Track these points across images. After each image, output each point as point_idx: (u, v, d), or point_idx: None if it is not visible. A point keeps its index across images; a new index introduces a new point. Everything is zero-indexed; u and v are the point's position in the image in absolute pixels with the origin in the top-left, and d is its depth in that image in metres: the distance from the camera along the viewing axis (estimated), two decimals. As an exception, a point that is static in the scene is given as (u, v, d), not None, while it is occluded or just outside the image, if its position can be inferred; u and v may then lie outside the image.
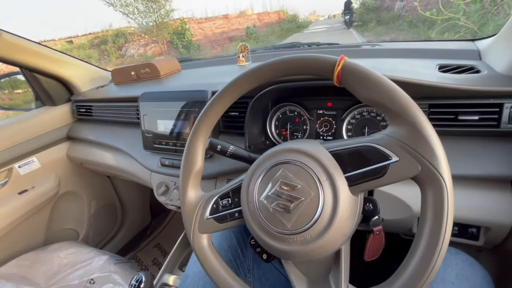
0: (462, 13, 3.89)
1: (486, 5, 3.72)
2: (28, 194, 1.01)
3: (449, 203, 0.29)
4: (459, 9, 3.90)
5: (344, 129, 0.63)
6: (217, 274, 0.41)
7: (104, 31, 16.08)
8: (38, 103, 1.14)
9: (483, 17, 3.79)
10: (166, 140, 0.76)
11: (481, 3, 3.75)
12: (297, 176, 0.36)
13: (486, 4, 3.72)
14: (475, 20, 3.86)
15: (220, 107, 0.45)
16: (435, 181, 0.29)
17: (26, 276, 0.83)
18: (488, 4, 3.70)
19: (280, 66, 0.40)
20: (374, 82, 0.33)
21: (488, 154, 0.48)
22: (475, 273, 0.44)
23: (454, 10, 3.99)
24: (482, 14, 3.78)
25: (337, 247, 0.35)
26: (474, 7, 3.81)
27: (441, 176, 0.29)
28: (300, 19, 25.78)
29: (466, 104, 0.49)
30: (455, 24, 4.02)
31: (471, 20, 3.88)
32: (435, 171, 0.29)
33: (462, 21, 3.89)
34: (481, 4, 3.75)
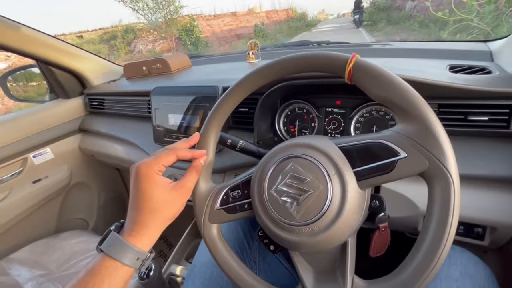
0: (475, 14, 3.81)
1: (500, 6, 3.64)
2: (41, 183, 1.04)
3: (456, 199, 0.29)
4: (473, 10, 3.83)
5: (353, 127, 0.64)
6: (226, 262, 0.42)
7: (113, 26, 16.26)
8: (52, 95, 1.17)
9: (497, 18, 3.71)
10: (177, 134, 0.78)
11: (495, 4, 3.67)
12: (306, 170, 0.37)
13: (501, 6, 3.64)
14: (488, 22, 3.78)
15: (232, 102, 0.46)
16: (443, 177, 0.30)
17: (39, 261, 0.86)
18: (503, 6, 3.62)
19: (292, 63, 0.41)
20: (385, 80, 0.34)
21: (497, 154, 0.48)
22: (479, 271, 0.45)
23: (467, 11, 3.91)
24: (496, 15, 3.70)
25: (344, 239, 0.36)
26: (488, 8, 3.73)
27: (449, 172, 0.30)
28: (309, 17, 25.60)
29: (476, 104, 0.49)
30: (468, 25, 3.95)
31: (484, 21, 3.81)
32: (442, 167, 0.30)
33: (475, 22, 3.82)
34: (495, 5, 3.67)
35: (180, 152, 0.39)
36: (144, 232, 0.35)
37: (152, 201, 0.36)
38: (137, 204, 0.36)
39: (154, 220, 0.36)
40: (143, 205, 0.35)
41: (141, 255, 0.35)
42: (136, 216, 0.35)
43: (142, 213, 0.35)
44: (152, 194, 0.36)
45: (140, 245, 0.35)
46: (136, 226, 0.35)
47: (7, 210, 0.96)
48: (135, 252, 0.34)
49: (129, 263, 0.34)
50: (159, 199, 0.36)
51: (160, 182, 0.37)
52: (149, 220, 0.35)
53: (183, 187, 0.39)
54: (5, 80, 1.13)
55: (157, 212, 0.36)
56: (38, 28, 0.95)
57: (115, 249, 0.33)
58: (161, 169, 0.38)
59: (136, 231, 0.35)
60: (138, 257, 0.34)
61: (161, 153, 0.38)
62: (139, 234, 0.35)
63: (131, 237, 0.34)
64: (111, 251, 0.33)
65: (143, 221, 0.35)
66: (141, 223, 0.35)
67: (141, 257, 0.35)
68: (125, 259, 0.33)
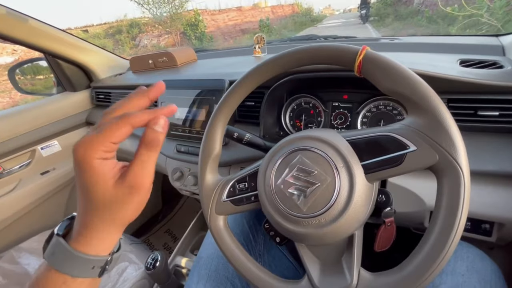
0: (485, 10, 3.73)
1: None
2: (49, 175, 1.06)
3: (466, 193, 0.29)
4: (483, 5, 3.75)
5: (359, 122, 0.63)
6: (232, 253, 0.43)
7: (118, 21, 16.27)
8: (59, 88, 1.18)
9: (508, 14, 3.62)
10: (183, 127, 0.78)
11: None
12: (314, 162, 0.37)
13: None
14: (499, 17, 3.70)
15: (239, 95, 0.46)
16: (453, 170, 0.30)
17: (48, 251, 0.88)
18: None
19: (300, 55, 0.41)
20: (396, 72, 0.34)
21: (507, 150, 0.48)
22: (486, 267, 0.45)
23: (477, 6, 3.83)
24: (507, 11, 3.62)
25: (351, 232, 0.36)
26: (499, 3, 3.64)
27: (459, 166, 0.29)
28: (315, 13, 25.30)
29: (486, 99, 0.48)
30: (478, 21, 3.87)
31: (494, 17, 3.72)
32: (452, 160, 0.30)
33: (485, 17, 3.73)
34: (506, 0, 3.58)
35: (134, 119, 0.26)
36: (94, 235, 0.27)
37: (94, 199, 0.26)
38: (80, 201, 0.27)
39: (103, 222, 0.27)
40: (85, 203, 0.27)
41: (96, 262, 0.27)
42: (81, 216, 0.27)
43: (87, 213, 0.27)
44: (92, 190, 0.26)
45: (93, 250, 0.27)
46: (83, 230, 0.27)
47: (17, 200, 0.97)
48: (86, 261, 0.26)
49: (81, 274, 0.26)
50: (101, 196, 0.26)
51: (102, 172, 0.26)
52: (97, 221, 0.27)
53: (132, 183, 0.27)
54: (13, 73, 1.14)
55: (103, 212, 0.27)
56: (44, 22, 0.95)
57: (59, 259, 0.26)
58: (108, 149, 0.26)
59: (83, 235, 0.27)
60: (93, 265, 0.27)
61: (108, 124, 0.26)
62: (88, 238, 0.27)
63: (78, 243, 0.27)
64: (55, 262, 0.26)
65: (90, 222, 0.27)
66: (88, 226, 0.27)
67: (98, 264, 0.27)
68: (75, 271, 0.26)
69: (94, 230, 0.27)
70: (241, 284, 0.55)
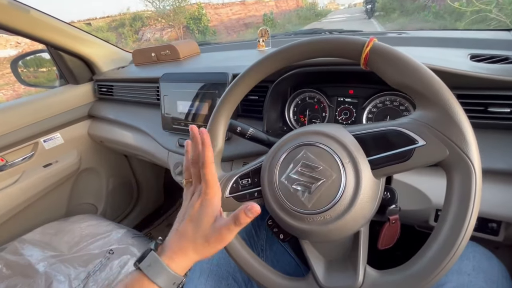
0: (494, 5, 3.65)
1: (522, -4, 3.48)
2: (52, 168, 1.06)
3: (477, 189, 0.28)
4: (492, 0, 3.67)
5: (365, 117, 0.62)
6: (234, 249, 0.42)
7: (121, 14, 16.18)
8: (62, 81, 1.18)
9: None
10: (185, 121, 0.78)
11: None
12: (319, 157, 0.36)
13: (523, -5, 3.48)
14: (508, 13, 3.62)
15: (243, 89, 0.45)
16: (464, 166, 0.29)
17: (51, 243, 0.88)
18: (525, -5, 3.46)
19: (306, 48, 0.40)
20: (404, 64, 0.33)
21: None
22: (493, 266, 0.44)
23: (486, 1, 3.75)
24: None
25: (356, 229, 0.35)
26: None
27: (471, 161, 0.28)
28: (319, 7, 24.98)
29: (497, 95, 0.47)
30: (486, 16, 3.79)
31: (503, 12, 3.65)
32: (464, 155, 0.29)
33: (494, 13, 3.66)
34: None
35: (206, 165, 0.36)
36: (184, 258, 0.34)
37: (200, 230, 0.35)
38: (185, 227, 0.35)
39: (193, 250, 0.35)
40: (190, 231, 0.35)
41: (177, 279, 0.34)
42: (181, 240, 0.35)
43: (187, 239, 0.35)
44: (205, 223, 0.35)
45: (179, 269, 0.34)
46: (178, 250, 0.34)
47: (20, 192, 0.98)
48: (172, 276, 0.33)
49: (165, 286, 0.33)
50: (204, 230, 0.35)
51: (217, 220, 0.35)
52: (188, 247, 0.35)
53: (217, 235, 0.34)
54: (16, 65, 1.13)
55: (197, 243, 0.35)
56: (46, 13, 0.94)
57: (154, 270, 0.33)
58: None
59: (177, 255, 0.34)
60: (174, 281, 0.34)
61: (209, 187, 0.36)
62: (178, 259, 0.34)
63: (171, 260, 0.34)
64: (150, 271, 0.32)
65: (185, 247, 0.35)
66: (182, 249, 0.34)
67: (177, 282, 0.34)
68: (162, 282, 0.32)
69: (185, 254, 0.34)
70: (243, 279, 0.55)
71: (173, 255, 0.34)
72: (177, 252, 0.34)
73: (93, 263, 0.79)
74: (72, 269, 0.78)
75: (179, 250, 0.34)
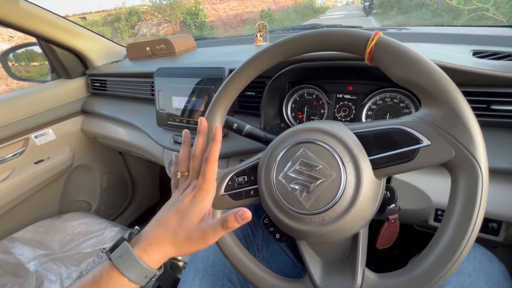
0: (492, 4, 3.66)
1: (520, -5, 3.49)
2: (43, 164, 1.04)
3: (483, 192, 0.27)
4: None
5: (364, 115, 0.61)
6: (229, 249, 0.41)
7: (117, 8, 15.93)
8: (54, 75, 1.14)
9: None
10: (180, 117, 0.76)
11: (514, -8, 3.51)
12: (318, 156, 0.35)
13: (521, -6, 3.48)
14: (505, 12, 3.63)
15: (240, 84, 0.44)
16: (470, 167, 0.27)
17: (42, 241, 0.86)
18: (522, -5, 3.46)
19: (307, 40, 0.38)
20: (411, 60, 0.31)
21: None
22: (494, 267, 0.43)
23: (483, 0, 3.75)
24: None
25: (356, 230, 0.34)
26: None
27: (478, 163, 0.27)
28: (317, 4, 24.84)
29: (501, 93, 0.46)
30: (483, 15, 3.79)
31: (500, 11, 3.65)
32: (470, 156, 0.27)
33: (491, 12, 3.66)
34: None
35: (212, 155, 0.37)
36: (159, 251, 0.33)
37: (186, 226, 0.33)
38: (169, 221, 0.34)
39: (171, 244, 0.33)
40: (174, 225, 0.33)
41: (149, 273, 0.32)
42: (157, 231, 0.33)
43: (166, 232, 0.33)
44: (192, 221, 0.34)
45: (152, 262, 0.32)
46: (153, 242, 0.33)
47: (10, 189, 0.95)
48: (144, 270, 0.31)
49: (136, 279, 0.31)
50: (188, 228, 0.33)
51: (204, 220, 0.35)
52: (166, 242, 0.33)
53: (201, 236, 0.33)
54: (6, 58, 1.10)
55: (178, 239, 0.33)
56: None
57: (124, 262, 0.31)
58: None
59: (151, 247, 0.32)
60: (146, 274, 0.32)
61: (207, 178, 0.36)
62: (152, 250, 0.32)
63: (144, 252, 0.32)
64: (121, 263, 0.31)
65: (163, 240, 0.33)
66: (160, 241, 0.33)
67: (149, 275, 0.32)
68: (133, 275, 0.31)
69: (161, 247, 0.33)
70: (238, 280, 0.54)
71: (147, 247, 0.32)
72: (152, 244, 0.32)
73: (85, 262, 0.77)
74: (64, 268, 0.76)
75: (155, 242, 0.32)
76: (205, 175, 0.34)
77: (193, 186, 0.36)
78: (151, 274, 0.32)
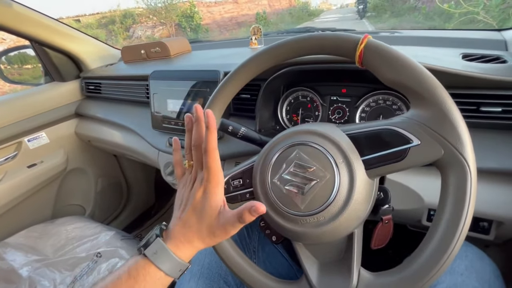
0: (482, 7, 3.74)
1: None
2: (36, 168, 1.02)
3: (472, 189, 0.28)
4: (479, 2, 3.75)
5: (358, 116, 0.61)
6: (225, 251, 0.41)
7: (112, 11, 15.86)
8: (47, 78, 1.13)
9: (503, 11, 3.64)
10: (176, 120, 0.76)
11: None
12: (312, 157, 0.35)
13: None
14: (495, 15, 3.71)
15: (234, 87, 0.44)
16: (459, 165, 0.28)
17: (35, 246, 0.85)
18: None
19: (299, 44, 0.39)
20: (400, 62, 0.32)
21: (508, 148, 0.47)
22: (485, 266, 0.44)
23: (474, 3, 3.84)
24: (503, 9, 3.63)
25: (351, 230, 0.35)
26: (495, 1, 3.66)
27: (466, 161, 0.28)
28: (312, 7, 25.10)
29: (489, 95, 0.47)
30: (474, 18, 3.87)
31: (490, 14, 3.73)
32: (459, 155, 0.28)
33: (481, 15, 3.74)
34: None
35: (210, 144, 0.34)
36: (189, 247, 0.35)
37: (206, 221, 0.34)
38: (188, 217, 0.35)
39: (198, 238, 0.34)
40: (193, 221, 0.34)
41: (182, 266, 0.34)
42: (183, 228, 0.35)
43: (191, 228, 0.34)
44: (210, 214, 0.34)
45: (184, 257, 0.34)
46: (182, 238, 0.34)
47: (2, 194, 0.94)
48: (178, 264, 0.33)
49: (172, 273, 0.33)
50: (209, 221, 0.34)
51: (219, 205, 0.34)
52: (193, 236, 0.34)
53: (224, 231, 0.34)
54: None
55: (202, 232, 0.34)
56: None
57: (160, 258, 0.33)
58: None
59: (183, 244, 0.34)
60: (180, 268, 0.34)
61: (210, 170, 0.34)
62: (184, 246, 0.34)
63: (176, 248, 0.34)
64: (157, 259, 0.32)
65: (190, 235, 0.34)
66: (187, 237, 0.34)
67: (182, 268, 0.34)
68: (169, 270, 0.33)
69: (190, 243, 0.34)
70: (235, 282, 0.54)
71: (179, 244, 0.34)
72: (184, 242, 0.34)
73: (79, 267, 0.77)
74: (58, 273, 0.75)
75: (185, 240, 0.34)
76: (209, 167, 0.33)
77: (200, 179, 0.35)
78: (184, 267, 0.34)
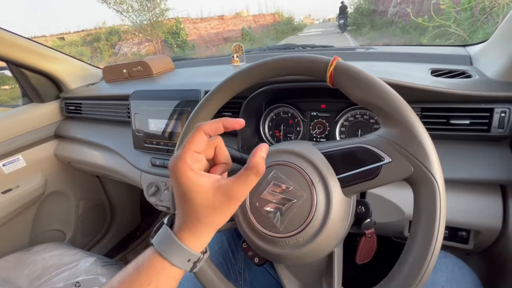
0: (453, 21, 3.99)
1: (476, 13, 3.83)
2: (12, 194, 0.97)
3: (441, 204, 0.29)
4: (450, 16, 4.00)
5: (338, 131, 0.63)
6: (205, 276, 0.40)
7: (97, 28, 15.85)
8: (25, 99, 1.10)
9: (473, 24, 3.90)
10: (157, 139, 0.75)
11: (471, 11, 3.85)
12: (289, 177, 0.35)
13: (476, 13, 3.83)
14: (465, 28, 3.97)
15: (213, 106, 0.44)
16: (428, 182, 0.29)
17: (8, 278, 0.79)
18: (478, 13, 3.81)
19: (273, 66, 0.40)
20: (366, 82, 0.33)
21: (478, 158, 0.49)
22: (465, 276, 0.44)
23: (445, 17, 4.09)
24: (472, 22, 3.89)
25: (330, 249, 0.34)
26: (464, 15, 3.91)
27: (434, 177, 0.29)
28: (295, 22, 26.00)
29: (457, 108, 0.49)
30: (446, 31, 4.12)
31: (461, 27, 3.99)
32: (427, 172, 0.29)
33: (453, 28, 3.99)
34: (471, 12, 3.86)
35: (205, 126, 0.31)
36: (192, 234, 0.31)
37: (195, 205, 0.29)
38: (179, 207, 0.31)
39: (201, 224, 0.30)
40: (185, 209, 0.30)
41: (192, 256, 0.30)
42: (182, 217, 0.31)
43: (187, 216, 0.30)
44: (194, 197, 0.29)
45: (192, 245, 0.30)
46: (184, 227, 0.30)
47: (-27, 223, 0.88)
48: (186, 253, 0.30)
49: (179, 264, 0.30)
50: (202, 203, 0.29)
51: (197, 182, 0.29)
52: (196, 223, 0.30)
53: (229, 194, 0.29)
54: (-27, 83, 1.05)
55: (202, 217, 0.30)
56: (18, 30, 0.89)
57: (166, 246, 0.30)
58: (194, 159, 0.30)
59: (185, 231, 0.30)
60: (189, 258, 0.30)
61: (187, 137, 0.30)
62: (188, 235, 0.30)
63: (181, 236, 0.30)
64: (162, 247, 0.30)
65: (190, 223, 0.30)
66: (188, 225, 0.30)
67: (192, 259, 0.31)
68: (175, 260, 0.29)
69: (193, 229, 0.30)
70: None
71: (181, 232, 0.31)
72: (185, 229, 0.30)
73: (56, 298, 0.72)
74: (32, 307, 0.70)
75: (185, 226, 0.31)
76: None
77: None
78: (195, 258, 0.31)
